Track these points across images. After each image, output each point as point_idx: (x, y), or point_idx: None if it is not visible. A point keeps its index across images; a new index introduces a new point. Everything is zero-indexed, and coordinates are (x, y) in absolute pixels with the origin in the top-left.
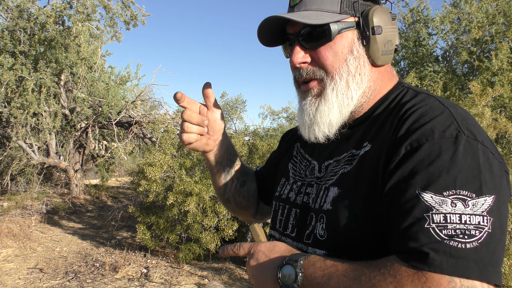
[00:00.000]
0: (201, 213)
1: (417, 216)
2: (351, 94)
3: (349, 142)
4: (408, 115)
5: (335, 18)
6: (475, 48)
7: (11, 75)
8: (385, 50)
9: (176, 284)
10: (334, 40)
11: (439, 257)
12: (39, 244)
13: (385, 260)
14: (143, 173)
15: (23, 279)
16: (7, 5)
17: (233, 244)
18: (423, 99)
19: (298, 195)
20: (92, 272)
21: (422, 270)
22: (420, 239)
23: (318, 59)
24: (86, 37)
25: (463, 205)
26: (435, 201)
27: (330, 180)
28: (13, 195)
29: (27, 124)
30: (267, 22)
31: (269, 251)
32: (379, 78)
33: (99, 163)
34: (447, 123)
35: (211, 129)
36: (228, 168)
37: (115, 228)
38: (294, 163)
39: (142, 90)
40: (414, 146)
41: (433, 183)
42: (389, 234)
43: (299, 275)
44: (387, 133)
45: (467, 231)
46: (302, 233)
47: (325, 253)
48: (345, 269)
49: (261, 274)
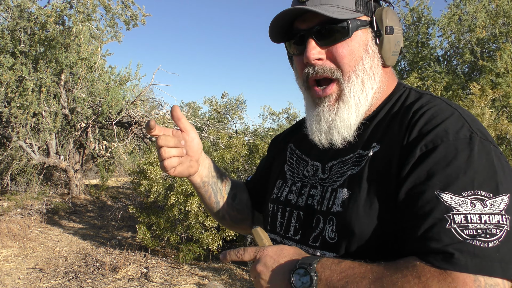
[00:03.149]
0: (203, 213)
1: (437, 217)
2: (366, 93)
3: (355, 142)
4: (418, 116)
5: (353, 15)
6: (478, 48)
7: (11, 75)
8: (395, 50)
9: (176, 284)
10: (351, 37)
11: (463, 257)
12: (39, 244)
13: (405, 261)
14: (144, 173)
15: (23, 279)
16: (7, 5)
17: (237, 248)
18: (429, 100)
19: (299, 197)
20: (92, 272)
21: (447, 270)
22: (443, 239)
23: (335, 57)
24: (86, 37)
25: (481, 205)
26: (455, 202)
27: (337, 182)
28: (13, 195)
29: (27, 124)
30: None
31: (277, 255)
32: (386, 79)
33: (99, 163)
34: (459, 125)
35: (190, 150)
36: (216, 185)
37: (115, 228)
38: (290, 164)
39: (142, 90)
40: (429, 148)
41: (452, 184)
42: (407, 236)
43: (314, 279)
44: (397, 134)
45: (488, 230)
46: (307, 236)
47: (335, 256)
48: (363, 271)
49: (270, 280)
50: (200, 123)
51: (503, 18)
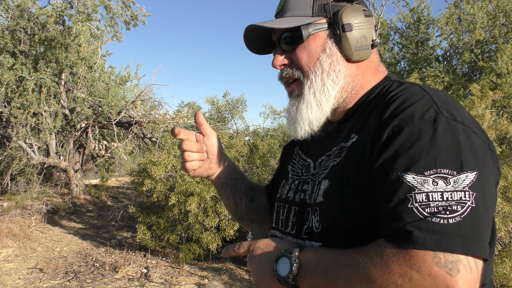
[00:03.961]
0: (202, 213)
1: (400, 197)
2: (328, 90)
3: (339, 136)
4: (390, 102)
5: (307, 21)
6: (478, 50)
7: (11, 75)
8: (359, 45)
9: (176, 284)
10: (307, 41)
11: (422, 234)
12: (39, 244)
13: (373, 243)
14: (147, 172)
15: (23, 279)
16: (7, 5)
17: (234, 244)
18: (406, 87)
19: (296, 194)
20: (92, 272)
21: (407, 249)
22: (404, 218)
23: (295, 60)
24: (86, 37)
25: (444, 183)
26: (417, 181)
27: (322, 174)
28: (13, 195)
29: (27, 124)
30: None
31: (266, 247)
32: (360, 74)
33: (99, 163)
34: (427, 107)
35: (211, 153)
36: (234, 187)
37: (115, 228)
38: (293, 164)
39: (142, 90)
40: (395, 131)
41: (414, 165)
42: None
43: (294, 266)
44: (372, 122)
45: (449, 207)
46: (300, 229)
47: (321, 245)
48: (336, 256)
49: (259, 269)
50: None
51: (503, 19)
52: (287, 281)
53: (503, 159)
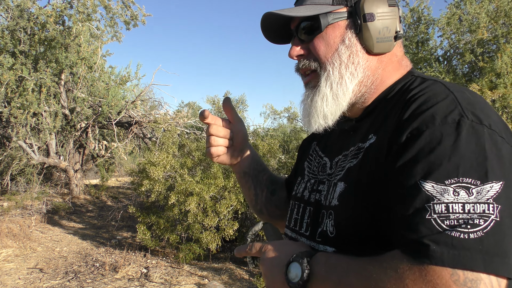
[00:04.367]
0: (202, 213)
1: (417, 207)
2: (345, 83)
3: (356, 135)
4: (411, 102)
5: (326, 10)
6: (480, 49)
7: (11, 75)
8: (381, 37)
9: (176, 284)
10: (325, 30)
11: (440, 248)
12: (39, 244)
13: (388, 254)
14: (146, 173)
15: (23, 279)
16: (7, 5)
17: (246, 244)
18: (428, 85)
19: (311, 193)
20: (92, 272)
21: (423, 263)
22: (421, 230)
23: (313, 51)
24: (86, 37)
25: (466, 193)
26: (436, 191)
27: (338, 176)
28: (13, 195)
29: (27, 124)
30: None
31: (278, 250)
32: (381, 67)
33: (99, 163)
34: (450, 108)
35: (236, 141)
36: (256, 178)
37: (115, 228)
38: (309, 161)
39: (142, 90)
40: (414, 134)
41: (434, 172)
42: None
43: (304, 272)
44: (391, 122)
45: (471, 220)
46: (315, 231)
47: (334, 251)
48: (348, 265)
49: (270, 273)
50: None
51: (504, 19)
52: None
53: None
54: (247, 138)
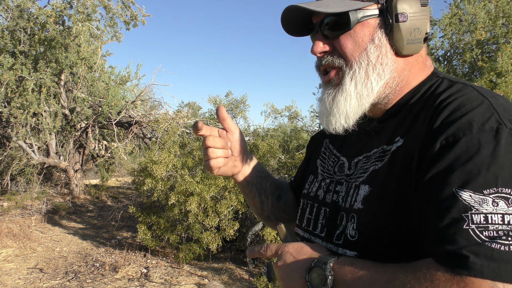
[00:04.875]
0: (202, 213)
1: (454, 216)
2: (371, 84)
3: (380, 137)
4: (443, 107)
5: (356, 6)
6: (479, 49)
7: (11, 75)
8: (412, 38)
9: (176, 284)
10: (354, 28)
11: (479, 260)
12: (39, 244)
13: (420, 263)
14: (148, 171)
15: (23, 279)
16: (7, 5)
17: (261, 245)
18: (459, 89)
19: (327, 193)
20: (92, 272)
21: (461, 275)
22: (459, 241)
23: (338, 48)
24: (86, 37)
25: (506, 204)
26: (475, 200)
27: (360, 178)
28: (13, 195)
29: (27, 124)
30: (289, 11)
31: (296, 253)
32: (407, 69)
33: (99, 163)
34: (487, 115)
35: (235, 150)
36: (260, 185)
37: (115, 228)
38: (322, 159)
39: (142, 90)
40: (450, 141)
41: (472, 181)
42: (424, 236)
43: (328, 278)
44: (421, 127)
45: (511, 232)
46: (332, 233)
47: (356, 254)
48: (377, 272)
49: (288, 277)
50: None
51: (503, 19)
52: None
53: None
54: (246, 147)
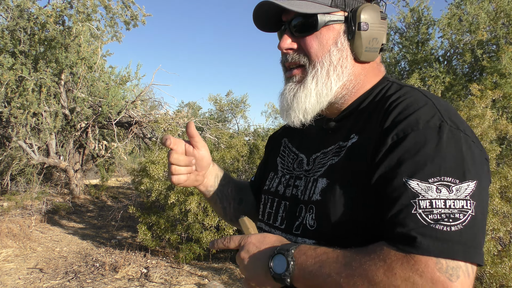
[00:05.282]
0: (202, 213)
1: (404, 203)
2: (331, 84)
3: (336, 134)
4: (393, 107)
5: (324, 10)
6: (481, 50)
7: (11, 75)
8: (369, 47)
9: (176, 284)
10: (320, 30)
11: (426, 240)
12: (39, 244)
13: (374, 245)
14: (146, 171)
15: (23, 279)
16: (7, 5)
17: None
18: (407, 91)
19: (287, 188)
20: (92, 272)
21: (411, 253)
22: (408, 224)
23: (304, 47)
24: (86, 37)
25: (447, 190)
26: (421, 188)
27: (318, 172)
28: (13, 195)
29: (27, 124)
30: (261, 7)
31: (259, 243)
32: (363, 74)
33: (99, 163)
34: (431, 114)
35: (199, 166)
36: (222, 192)
37: (115, 228)
38: (282, 157)
39: (142, 90)
40: (400, 137)
41: (419, 171)
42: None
43: (290, 264)
44: (374, 125)
45: (452, 214)
46: (291, 225)
47: (314, 242)
48: (336, 256)
49: (253, 266)
50: (200, 123)
51: (504, 19)
52: (283, 279)
53: (502, 159)
54: (210, 162)
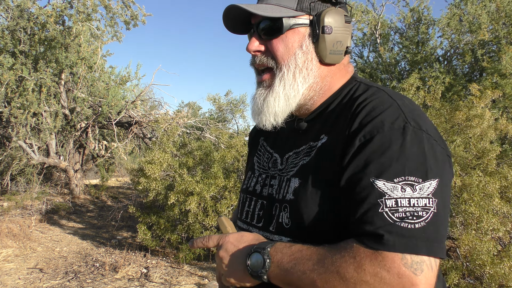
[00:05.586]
0: (202, 213)
1: (372, 202)
2: (297, 86)
3: (307, 135)
4: (360, 109)
5: (290, 14)
6: (482, 50)
7: (11, 75)
8: (334, 49)
9: (176, 284)
10: (286, 33)
11: (392, 237)
12: (39, 244)
13: (344, 243)
14: (143, 171)
15: (23, 279)
16: (7, 5)
17: (203, 236)
18: (373, 93)
19: (263, 187)
20: (92, 272)
21: (378, 250)
22: (375, 222)
23: (271, 50)
24: (86, 37)
25: (411, 189)
26: (387, 188)
27: (291, 172)
28: (13, 195)
29: (27, 124)
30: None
31: (237, 241)
32: (329, 76)
33: (99, 163)
34: (395, 115)
35: None
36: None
37: (115, 228)
38: (258, 156)
39: (142, 90)
40: (367, 138)
41: (385, 172)
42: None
43: (266, 261)
44: (342, 126)
45: (416, 212)
46: (268, 223)
47: (290, 240)
48: (310, 253)
49: (230, 264)
50: (200, 123)
51: (505, 19)
52: (260, 276)
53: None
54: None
